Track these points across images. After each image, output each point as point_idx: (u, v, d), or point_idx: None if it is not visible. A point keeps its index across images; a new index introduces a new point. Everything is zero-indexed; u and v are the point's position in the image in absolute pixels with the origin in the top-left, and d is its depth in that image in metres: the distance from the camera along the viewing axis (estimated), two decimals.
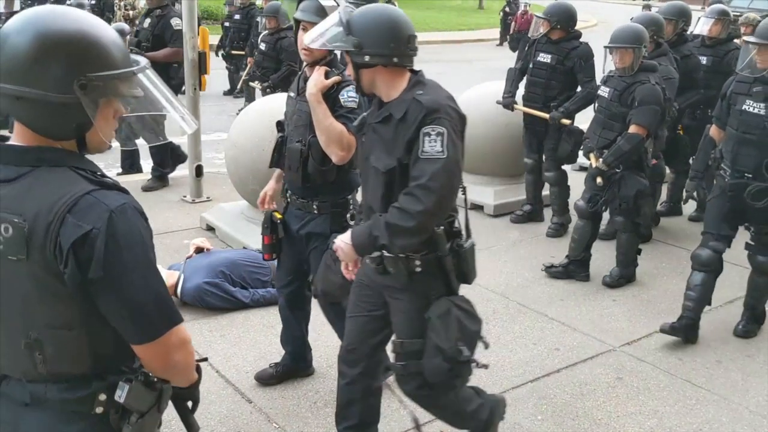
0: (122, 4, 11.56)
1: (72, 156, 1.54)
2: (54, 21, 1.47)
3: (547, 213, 6.08)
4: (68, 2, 8.05)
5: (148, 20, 6.66)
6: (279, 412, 3.42)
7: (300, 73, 3.36)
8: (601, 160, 4.60)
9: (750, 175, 3.94)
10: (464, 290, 2.64)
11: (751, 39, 3.93)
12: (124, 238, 1.47)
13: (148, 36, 6.57)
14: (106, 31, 1.53)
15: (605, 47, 4.85)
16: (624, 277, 4.98)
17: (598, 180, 4.62)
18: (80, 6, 7.71)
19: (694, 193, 4.54)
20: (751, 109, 3.93)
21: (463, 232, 2.65)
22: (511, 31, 18.08)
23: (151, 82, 1.65)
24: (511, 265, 5.26)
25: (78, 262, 1.44)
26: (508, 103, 5.89)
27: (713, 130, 4.33)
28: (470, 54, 19.50)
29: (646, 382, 3.80)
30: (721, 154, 4.16)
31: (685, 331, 4.12)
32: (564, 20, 5.59)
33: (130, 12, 11.71)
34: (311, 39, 2.67)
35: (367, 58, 2.51)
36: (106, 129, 1.57)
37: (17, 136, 1.52)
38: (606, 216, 5.18)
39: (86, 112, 1.47)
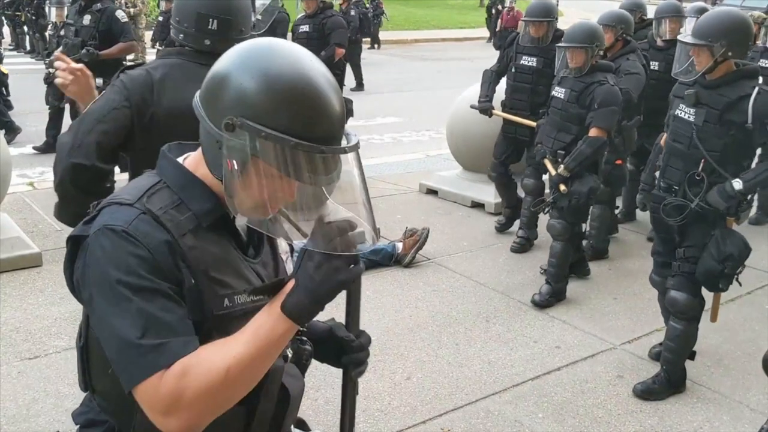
0: (122, 1, 11.55)
1: (181, 179, 1.34)
2: (279, 64, 1.24)
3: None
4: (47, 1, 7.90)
5: (87, 17, 6.20)
6: None
7: None
8: (562, 166, 4.39)
9: (677, 188, 3.47)
10: (465, 287, 2.63)
11: (688, 39, 3.41)
12: (92, 254, 1.27)
13: (92, 33, 6.16)
14: (330, 88, 1.25)
15: (558, 46, 4.64)
16: (554, 295, 4.56)
17: (562, 188, 4.38)
18: (60, 4, 7.52)
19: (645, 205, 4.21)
20: (682, 115, 3.45)
21: None
22: (498, 29, 17.86)
23: (359, 170, 1.30)
24: (512, 263, 5.26)
25: (71, 257, 1.33)
26: (485, 107, 5.49)
27: (665, 139, 3.80)
28: (470, 52, 19.50)
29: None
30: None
31: None
32: (556, 18, 5.29)
33: (131, 10, 11.71)
34: None
35: (172, 31, 2.41)
36: (252, 195, 1.27)
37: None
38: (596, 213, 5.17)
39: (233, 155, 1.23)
